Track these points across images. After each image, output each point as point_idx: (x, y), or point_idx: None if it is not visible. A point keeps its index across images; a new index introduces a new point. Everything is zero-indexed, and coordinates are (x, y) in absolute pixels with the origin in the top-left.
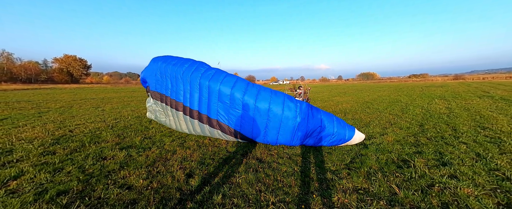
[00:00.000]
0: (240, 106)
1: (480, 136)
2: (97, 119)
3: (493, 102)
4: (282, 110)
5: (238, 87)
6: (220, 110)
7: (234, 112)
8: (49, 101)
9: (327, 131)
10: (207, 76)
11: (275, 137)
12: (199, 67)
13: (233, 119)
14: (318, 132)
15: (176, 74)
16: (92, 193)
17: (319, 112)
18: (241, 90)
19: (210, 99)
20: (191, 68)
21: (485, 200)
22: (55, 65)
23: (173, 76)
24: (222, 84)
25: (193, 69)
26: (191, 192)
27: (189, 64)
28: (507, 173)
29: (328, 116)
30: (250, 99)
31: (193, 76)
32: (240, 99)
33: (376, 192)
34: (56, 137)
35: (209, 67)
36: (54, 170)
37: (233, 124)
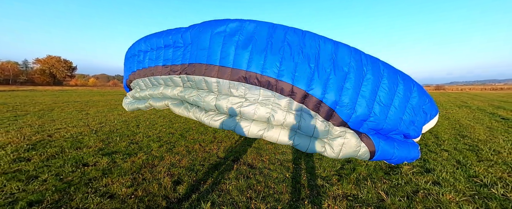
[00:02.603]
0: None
1: (460, 144)
2: (80, 123)
3: (471, 112)
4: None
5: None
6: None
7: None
8: (28, 104)
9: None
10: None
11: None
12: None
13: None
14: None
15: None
16: (69, 203)
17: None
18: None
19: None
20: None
21: (466, 206)
22: (36, 66)
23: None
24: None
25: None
26: (179, 200)
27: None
28: (484, 180)
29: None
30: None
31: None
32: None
33: (365, 198)
34: (33, 142)
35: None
36: (28, 178)
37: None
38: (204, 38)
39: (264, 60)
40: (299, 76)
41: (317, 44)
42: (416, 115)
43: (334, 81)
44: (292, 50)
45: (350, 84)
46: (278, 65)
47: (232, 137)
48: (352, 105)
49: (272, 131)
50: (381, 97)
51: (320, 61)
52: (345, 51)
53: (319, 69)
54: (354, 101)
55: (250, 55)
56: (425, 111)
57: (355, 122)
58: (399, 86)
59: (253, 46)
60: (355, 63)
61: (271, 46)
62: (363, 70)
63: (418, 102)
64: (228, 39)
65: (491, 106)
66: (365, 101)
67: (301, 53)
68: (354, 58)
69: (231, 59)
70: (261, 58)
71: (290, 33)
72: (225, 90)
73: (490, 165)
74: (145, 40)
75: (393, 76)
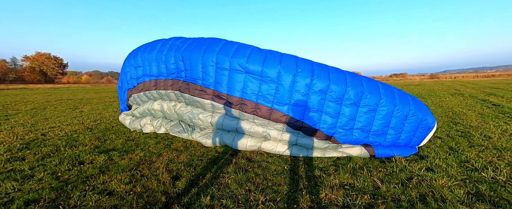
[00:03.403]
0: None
1: (453, 131)
2: (75, 121)
3: (463, 100)
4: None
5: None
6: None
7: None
8: (19, 102)
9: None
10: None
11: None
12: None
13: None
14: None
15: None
16: (66, 201)
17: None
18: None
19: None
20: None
21: (457, 190)
22: (25, 63)
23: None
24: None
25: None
26: (178, 195)
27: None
28: (475, 164)
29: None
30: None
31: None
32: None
33: (361, 186)
34: (26, 141)
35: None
36: (23, 178)
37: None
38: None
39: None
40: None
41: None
42: (415, 130)
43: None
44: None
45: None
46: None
47: None
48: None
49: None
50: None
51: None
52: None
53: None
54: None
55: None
56: (423, 125)
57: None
58: (397, 107)
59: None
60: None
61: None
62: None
63: (416, 119)
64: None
65: (482, 93)
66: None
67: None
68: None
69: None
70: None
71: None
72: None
73: (481, 150)
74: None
75: (393, 97)
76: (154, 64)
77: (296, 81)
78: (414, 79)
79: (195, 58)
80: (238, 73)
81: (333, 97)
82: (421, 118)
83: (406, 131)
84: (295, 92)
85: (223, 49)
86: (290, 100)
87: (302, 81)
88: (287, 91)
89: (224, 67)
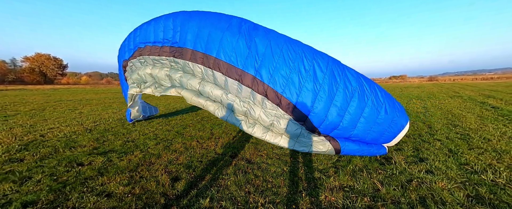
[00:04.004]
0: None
1: (452, 133)
2: (74, 122)
3: (462, 102)
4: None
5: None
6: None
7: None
8: (18, 103)
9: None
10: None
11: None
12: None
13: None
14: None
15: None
16: (65, 203)
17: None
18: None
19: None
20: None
21: (457, 192)
22: (25, 64)
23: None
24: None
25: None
26: (177, 197)
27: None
28: (475, 167)
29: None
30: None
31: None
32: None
33: (360, 189)
34: (25, 142)
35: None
36: (21, 179)
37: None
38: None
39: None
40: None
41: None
42: (388, 126)
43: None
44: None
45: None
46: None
47: (229, 133)
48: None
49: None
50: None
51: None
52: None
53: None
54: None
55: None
56: (396, 122)
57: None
58: (369, 100)
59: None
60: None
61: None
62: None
63: (389, 115)
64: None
65: (481, 95)
66: (336, 111)
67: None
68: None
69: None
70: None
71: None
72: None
73: (480, 152)
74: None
75: (371, 89)
76: (152, 32)
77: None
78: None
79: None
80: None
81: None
82: (393, 117)
83: (375, 129)
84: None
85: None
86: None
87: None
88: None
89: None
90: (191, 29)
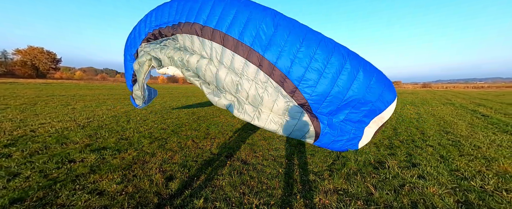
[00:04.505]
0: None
1: (444, 139)
2: (66, 117)
3: (454, 109)
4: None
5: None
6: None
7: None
8: (8, 97)
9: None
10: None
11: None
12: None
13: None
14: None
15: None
16: (55, 200)
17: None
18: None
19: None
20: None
21: (447, 198)
22: (17, 57)
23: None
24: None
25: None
26: (171, 196)
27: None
28: (465, 173)
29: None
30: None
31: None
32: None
33: (354, 192)
34: (14, 137)
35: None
36: (9, 175)
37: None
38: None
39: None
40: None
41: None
42: (373, 101)
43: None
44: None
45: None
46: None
47: (225, 133)
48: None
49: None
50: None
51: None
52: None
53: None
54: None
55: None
56: (383, 97)
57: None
58: (360, 72)
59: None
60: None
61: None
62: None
63: (376, 89)
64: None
65: (472, 103)
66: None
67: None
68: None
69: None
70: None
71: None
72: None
73: (470, 159)
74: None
75: (356, 62)
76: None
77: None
78: (407, 87)
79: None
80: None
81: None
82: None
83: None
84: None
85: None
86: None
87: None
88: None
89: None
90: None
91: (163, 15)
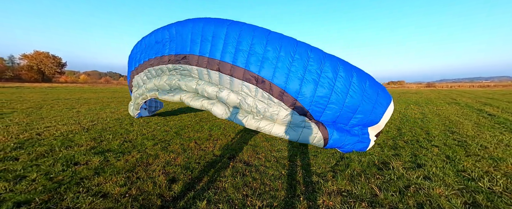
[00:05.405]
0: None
1: (449, 140)
2: (71, 121)
3: (460, 109)
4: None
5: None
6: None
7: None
8: (15, 101)
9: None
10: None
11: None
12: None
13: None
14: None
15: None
16: (59, 203)
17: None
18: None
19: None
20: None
21: (454, 199)
22: (23, 62)
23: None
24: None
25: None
26: (174, 199)
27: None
28: (472, 174)
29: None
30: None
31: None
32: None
33: (358, 194)
34: (21, 141)
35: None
36: (15, 178)
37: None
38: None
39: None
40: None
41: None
42: (372, 104)
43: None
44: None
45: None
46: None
47: (228, 135)
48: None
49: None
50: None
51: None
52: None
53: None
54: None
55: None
56: (380, 101)
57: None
58: (354, 78)
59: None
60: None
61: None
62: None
63: (371, 93)
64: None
65: (478, 103)
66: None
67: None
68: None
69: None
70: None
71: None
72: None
73: (477, 159)
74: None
75: (348, 69)
76: (154, 44)
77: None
78: (411, 87)
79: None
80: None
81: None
82: (375, 92)
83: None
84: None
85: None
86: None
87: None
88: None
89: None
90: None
91: (165, 49)
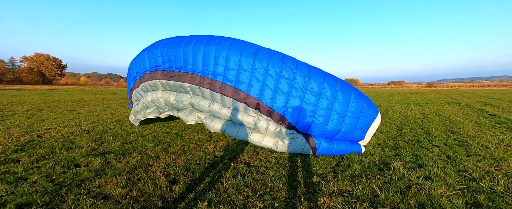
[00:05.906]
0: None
1: (450, 140)
2: (71, 122)
3: (460, 109)
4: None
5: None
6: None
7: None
8: (15, 103)
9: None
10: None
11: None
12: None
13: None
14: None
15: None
16: (60, 205)
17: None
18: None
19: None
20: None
21: (455, 199)
22: (24, 64)
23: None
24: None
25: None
26: (175, 200)
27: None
28: (473, 174)
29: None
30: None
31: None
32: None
33: (359, 194)
34: (21, 143)
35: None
36: (16, 180)
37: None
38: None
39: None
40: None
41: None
42: (358, 117)
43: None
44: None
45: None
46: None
47: (228, 136)
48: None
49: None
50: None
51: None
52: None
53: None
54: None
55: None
56: (365, 113)
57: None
58: (338, 93)
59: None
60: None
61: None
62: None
63: (356, 107)
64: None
65: (479, 102)
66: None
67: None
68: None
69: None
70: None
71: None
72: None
73: (478, 159)
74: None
75: (332, 83)
76: (147, 60)
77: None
78: (411, 87)
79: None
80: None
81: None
82: (361, 105)
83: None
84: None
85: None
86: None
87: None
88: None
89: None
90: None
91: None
